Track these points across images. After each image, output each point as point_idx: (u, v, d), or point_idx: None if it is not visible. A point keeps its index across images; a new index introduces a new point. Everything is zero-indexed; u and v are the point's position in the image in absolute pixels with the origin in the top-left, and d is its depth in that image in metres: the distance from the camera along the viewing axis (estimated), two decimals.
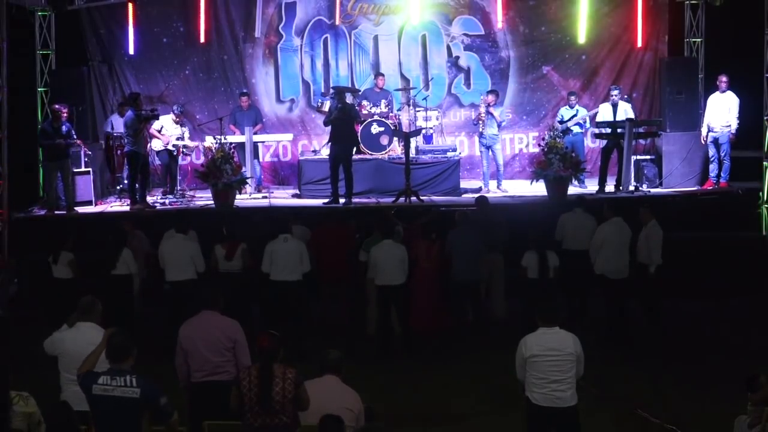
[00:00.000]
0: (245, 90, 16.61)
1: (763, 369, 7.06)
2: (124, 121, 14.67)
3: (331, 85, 16.61)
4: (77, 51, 16.55)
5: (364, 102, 15.89)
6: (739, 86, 15.24)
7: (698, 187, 15.60)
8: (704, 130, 15.40)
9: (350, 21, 17.15)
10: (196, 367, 7.27)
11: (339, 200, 14.66)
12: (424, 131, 16.10)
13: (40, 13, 15.93)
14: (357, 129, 15.20)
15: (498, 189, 15.64)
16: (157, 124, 15.37)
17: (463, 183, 15.90)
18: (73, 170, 14.85)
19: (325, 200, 14.82)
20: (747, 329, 11.81)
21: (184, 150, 15.97)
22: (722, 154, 15.28)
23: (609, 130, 15.29)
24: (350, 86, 16.56)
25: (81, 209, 14.72)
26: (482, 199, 13.00)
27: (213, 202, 14.66)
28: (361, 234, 11.94)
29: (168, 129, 15.63)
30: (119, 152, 15.65)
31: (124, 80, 16.88)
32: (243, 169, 14.72)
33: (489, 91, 16.11)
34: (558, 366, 7.02)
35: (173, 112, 15.79)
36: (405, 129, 15.84)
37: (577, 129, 15.73)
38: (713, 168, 15.37)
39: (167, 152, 15.68)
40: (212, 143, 14.92)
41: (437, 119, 16.44)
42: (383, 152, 15.62)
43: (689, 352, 10.99)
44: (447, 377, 10.24)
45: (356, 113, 15.10)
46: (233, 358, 7.26)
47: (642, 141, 16.37)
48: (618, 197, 14.59)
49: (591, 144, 16.79)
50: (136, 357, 6.10)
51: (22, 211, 14.76)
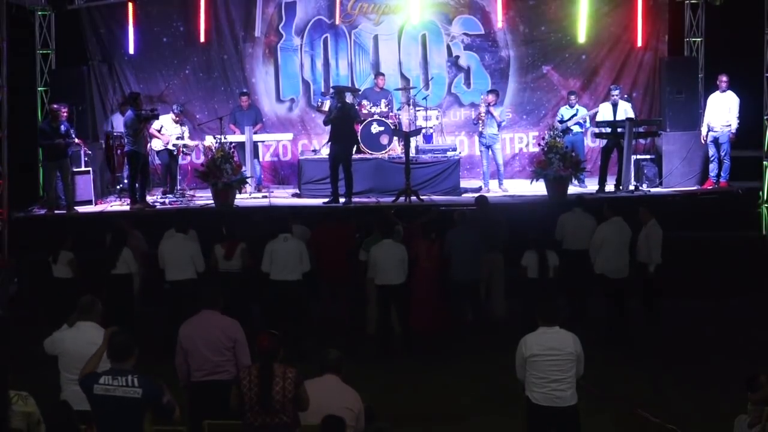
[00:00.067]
0: (245, 89, 16.61)
1: (763, 369, 7.04)
2: (124, 121, 14.67)
3: (331, 85, 16.61)
4: (77, 50, 16.53)
5: (364, 101, 15.88)
6: (739, 86, 15.24)
7: (698, 187, 15.59)
8: (704, 130, 15.40)
9: (350, 20, 17.14)
10: (196, 367, 7.28)
11: (339, 200, 14.65)
12: (424, 131, 16.09)
13: (40, 13, 15.91)
14: (357, 129, 15.19)
15: (500, 188, 15.64)
16: (157, 124, 15.38)
17: (463, 182, 15.90)
18: (73, 170, 14.85)
19: (325, 200, 14.82)
20: (747, 329, 11.80)
21: (184, 149, 15.97)
22: (722, 154, 15.28)
23: (609, 130, 15.28)
24: (350, 86, 16.55)
25: (81, 209, 14.72)
26: (482, 199, 12.99)
27: (213, 202, 14.66)
28: (361, 233, 11.94)
29: (168, 128, 15.63)
30: (119, 152, 15.65)
31: (124, 80, 16.87)
32: (243, 169, 14.72)
33: (489, 91, 16.12)
34: (558, 365, 7.03)
35: (173, 112, 15.79)
36: (405, 128, 15.83)
37: (577, 128, 15.73)
38: (713, 167, 15.37)
39: (167, 152, 15.68)
40: (212, 143, 14.92)
41: (437, 119, 16.44)
42: (383, 152, 15.61)
43: (689, 352, 10.99)
44: (447, 377, 10.24)
45: (356, 113, 15.09)
46: (233, 358, 7.26)
47: (642, 140, 16.37)
48: (618, 197, 14.59)
49: (591, 143, 16.78)
50: (137, 356, 6.10)
51: (22, 211, 14.76)
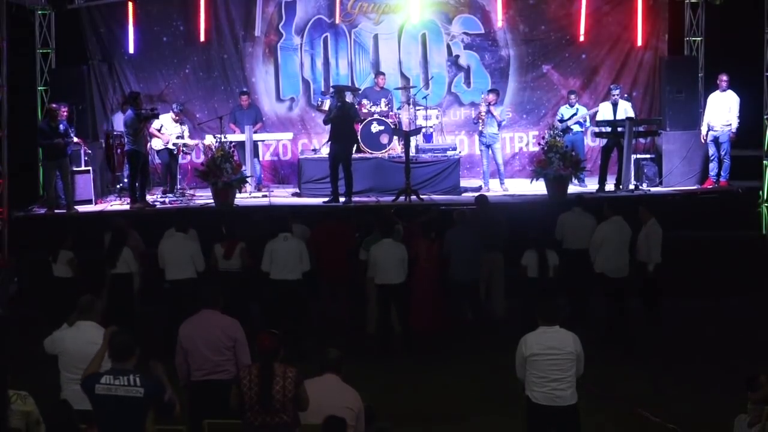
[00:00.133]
0: (245, 89, 16.61)
1: (763, 368, 7.05)
2: (124, 120, 14.67)
3: (331, 84, 16.60)
4: (77, 50, 16.52)
5: (364, 101, 15.87)
6: (739, 85, 15.23)
7: (698, 186, 15.59)
8: (704, 129, 15.40)
9: (350, 20, 17.13)
10: (196, 366, 7.28)
11: (339, 199, 14.65)
12: (424, 130, 16.09)
13: (40, 12, 15.90)
14: (357, 128, 15.18)
15: (501, 188, 15.63)
16: (157, 123, 15.37)
17: (463, 182, 15.89)
18: (73, 169, 14.84)
19: (325, 199, 14.81)
20: (747, 328, 11.79)
21: (184, 149, 15.97)
22: (722, 153, 15.28)
23: (609, 129, 15.28)
24: (350, 85, 16.54)
25: (81, 208, 14.71)
26: (482, 198, 12.98)
27: (213, 201, 14.65)
28: (361, 233, 11.94)
29: (168, 128, 15.63)
30: (119, 151, 15.64)
31: (124, 79, 16.86)
32: (243, 168, 14.71)
33: (490, 90, 16.11)
34: (558, 365, 7.02)
35: (172, 111, 15.79)
36: (405, 128, 15.82)
37: (577, 128, 15.73)
38: (713, 167, 15.36)
39: (167, 151, 15.68)
40: (212, 142, 14.92)
41: (437, 118, 16.43)
42: (383, 151, 15.61)
43: (689, 352, 10.98)
44: (447, 377, 10.24)
45: (355, 112, 15.08)
46: (233, 357, 7.26)
47: (642, 140, 16.37)
48: (618, 196, 14.59)
49: (591, 143, 16.78)
50: (138, 356, 6.11)
51: (22, 210, 14.76)
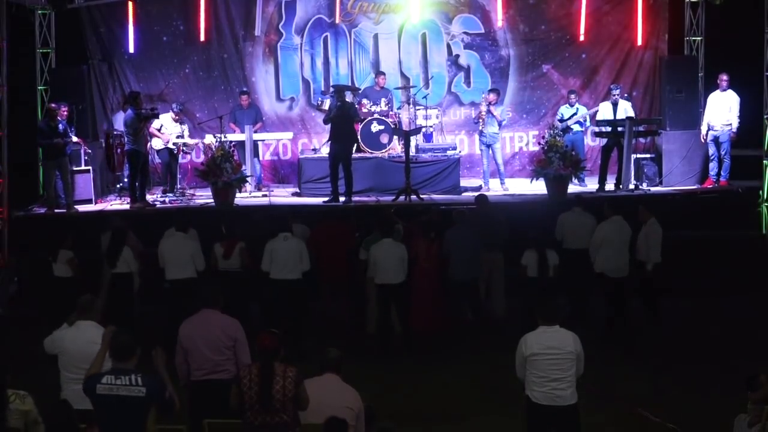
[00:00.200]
0: (245, 88, 16.61)
1: (763, 368, 7.05)
2: (124, 120, 14.65)
3: (331, 84, 16.59)
4: (77, 49, 16.52)
5: (364, 100, 15.86)
6: (739, 85, 15.24)
7: (698, 186, 15.59)
8: (704, 129, 15.40)
9: (350, 19, 17.13)
10: (196, 366, 7.28)
11: (339, 199, 14.65)
12: (424, 130, 16.08)
13: (40, 12, 15.90)
14: (357, 127, 15.18)
15: (501, 187, 15.63)
16: (157, 123, 15.37)
17: (463, 181, 15.88)
18: (73, 168, 14.84)
19: (325, 199, 14.81)
20: (747, 328, 11.79)
21: (184, 148, 15.96)
22: (722, 153, 15.28)
23: (609, 129, 15.27)
24: (350, 85, 16.54)
25: (81, 208, 14.71)
26: (482, 198, 12.98)
27: (213, 201, 14.66)
28: (361, 232, 11.94)
29: (168, 127, 15.63)
30: (119, 151, 15.63)
31: (124, 79, 16.86)
32: (243, 168, 14.72)
33: (490, 90, 16.10)
34: (558, 364, 7.02)
35: (172, 110, 15.79)
36: (405, 127, 15.82)
37: (577, 127, 15.73)
38: (713, 166, 15.36)
39: (167, 151, 15.68)
40: (212, 142, 14.92)
41: (437, 118, 16.42)
42: (383, 151, 15.61)
43: (689, 352, 10.97)
44: (447, 376, 10.24)
45: (355, 112, 15.07)
46: (233, 357, 7.26)
47: (642, 139, 16.37)
48: (618, 196, 14.59)
49: (591, 142, 16.78)
50: (139, 356, 6.11)
51: (22, 210, 14.76)
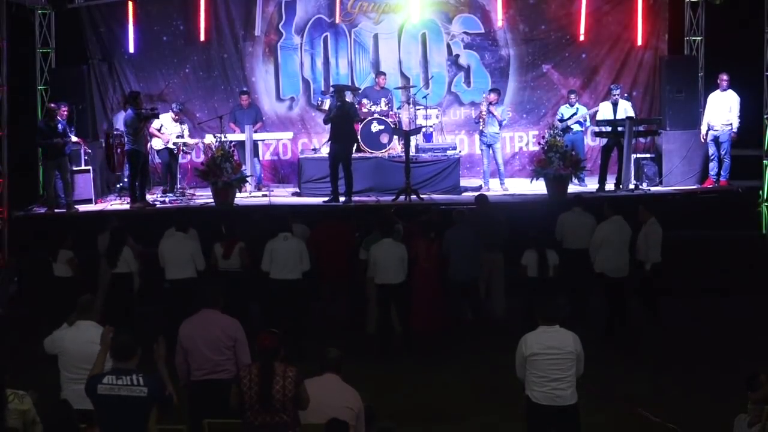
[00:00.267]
0: (245, 88, 16.60)
1: (763, 368, 7.05)
2: (124, 120, 14.65)
3: (331, 84, 16.58)
4: (77, 49, 16.52)
5: (364, 100, 15.86)
6: (739, 85, 15.23)
7: (698, 186, 15.58)
8: (704, 129, 15.39)
9: (350, 19, 17.12)
10: (196, 366, 7.28)
11: (339, 199, 14.64)
12: (424, 130, 16.08)
13: (40, 12, 15.89)
14: (357, 127, 15.18)
15: (501, 187, 15.63)
16: (157, 123, 15.36)
17: (463, 181, 15.88)
18: (73, 168, 14.84)
19: (325, 199, 14.81)
20: (747, 328, 11.79)
21: (184, 148, 15.96)
22: (722, 153, 15.27)
23: (609, 129, 15.27)
24: (350, 85, 16.54)
25: (81, 207, 14.71)
26: (482, 198, 12.97)
27: (213, 201, 14.65)
28: (361, 232, 11.94)
29: (168, 127, 15.63)
30: (119, 150, 15.63)
31: (124, 79, 16.85)
32: (243, 168, 14.71)
33: (491, 90, 16.09)
34: (558, 364, 7.02)
35: (172, 110, 15.78)
36: (405, 127, 15.82)
37: (577, 127, 15.72)
38: (713, 166, 15.36)
39: (167, 150, 15.68)
40: (212, 141, 14.91)
41: (437, 117, 16.42)
42: (383, 150, 15.60)
43: (689, 352, 10.98)
44: (447, 376, 10.24)
45: (355, 112, 15.07)
46: (233, 357, 7.26)
47: (642, 139, 16.37)
48: (618, 196, 14.59)
49: (591, 142, 16.77)
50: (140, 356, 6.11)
51: (22, 210, 14.76)
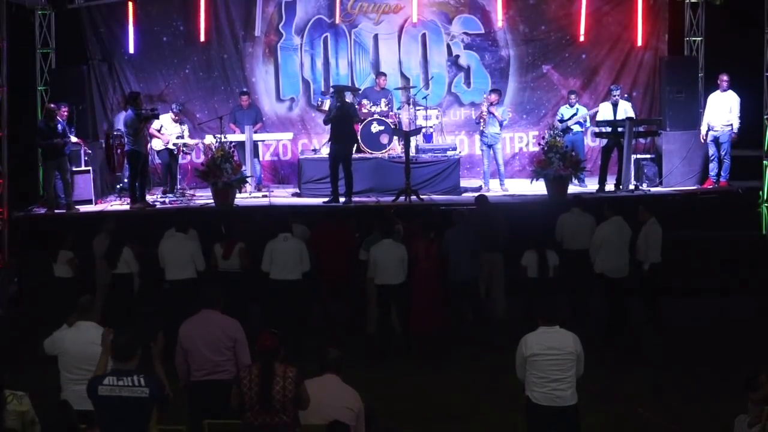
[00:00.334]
0: (245, 89, 16.60)
1: (764, 368, 7.04)
2: (124, 120, 14.65)
3: (331, 84, 16.59)
4: (77, 50, 16.52)
5: (364, 101, 15.86)
6: (739, 85, 15.23)
7: (698, 186, 15.59)
8: (704, 129, 15.39)
9: (350, 20, 17.13)
10: (196, 366, 7.28)
11: (339, 199, 14.64)
12: (424, 130, 16.08)
13: (40, 12, 15.90)
14: (357, 128, 15.18)
15: (501, 188, 15.63)
16: (157, 124, 15.36)
17: (463, 182, 15.88)
18: (73, 169, 14.84)
19: (325, 199, 14.81)
20: (747, 328, 11.79)
21: (184, 149, 15.96)
22: (722, 153, 15.27)
23: (609, 129, 15.28)
24: (350, 85, 16.54)
25: (81, 208, 14.71)
26: (482, 198, 12.98)
27: (213, 201, 14.65)
28: (361, 233, 11.94)
29: (167, 128, 15.63)
30: (119, 151, 15.63)
31: (124, 79, 16.85)
32: (243, 168, 14.71)
33: (492, 90, 16.09)
34: (558, 365, 7.02)
35: (172, 111, 15.79)
36: (405, 128, 15.82)
37: (577, 128, 15.72)
38: (713, 167, 15.36)
39: (168, 151, 15.68)
40: (212, 142, 14.91)
41: (437, 118, 16.42)
42: (383, 151, 15.60)
43: (689, 352, 10.97)
44: (447, 377, 10.23)
45: (355, 112, 15.06)
46: (233, 357, 7.26)
47: (642, 140, 16.37)
48: (618, 196, 14.60)
49: (591, 143, 16.77)
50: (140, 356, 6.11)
51: (22, 210, 14.76)
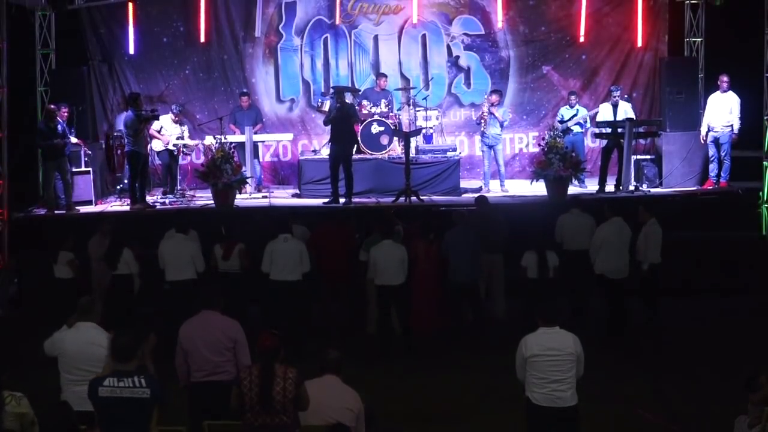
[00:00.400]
0: (245, 90, 16.60)
1: (764, 369, 7.04)
2: (124, 121, 14.66)
3: (331, 85, 16.60)
4: (77, 50, 16.52)
5: (364, 102, 15.87)
6: (739, 86, 15.24)
7: (698, 187, 15.59)
8: (704, 130, 15.40)
9: (350, 21, 17.13)
10: (196, 367, 7.28)
11: (339, 200, 14.65)
12: (424, 131, 16.08)
13: (41, 13, 15.90)
14: (357, 129, 15.18)
15: (501, 189, 15.63)
16: (157, 125, 15.36)
17: (463, 183, 15.89)
18: (73, 170, 14.84)
19: (325, 200, 14.81)
20: (747, 329, 11.79)
21: (184, 149, 15.96)
22: (722, 154, 15.28)
23: (609, 130, 15.28)
24: (350, 86, 16.55)
25: (81, 209, 14.71)
26: (482, 199, 12.97)
27: (213, 202, 14.65)
28: (361, 234, 11.94)
29: (167, 129, 15.63)
30: (119, 152, 15.65)
31: (124, 80, 16.85)
32: (243, 169, 14.71)
33: (492, 91, 16.09)
34: (558, 366, 7.02)
35: (172, 112, 15.79)
36: (405, 129, 15.83)
37: (578, 129, 15.72)
38: (713, 168, 15.37)
39: (167, 152, 15.68)
40: (212, 143, 14.91)
41: (437, 119, 16.43)
42: (383, 152, 15.60)
43: (689, 353, 10.97)
44: (447, 377, 10.23)
45: (355, 113, 15.06)
46: (233, 358, 7.25)
47: (642, 141, 16.37)
48: (618, 197, 14.60)
49: (591, 144, 16.78)
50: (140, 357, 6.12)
51: (22, 211, 14.76)
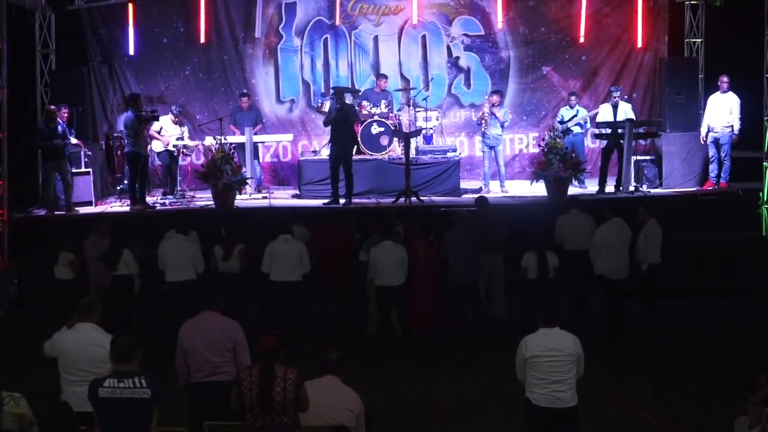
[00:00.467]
0: (245, 90, 16.61)
1: (763, 369, 7.04)
2: (124, 122, 14.67)
3: (331, 86, 16.60)
4: (77, 51, 16.53)
5: (364, 102, 15.87)
6: (739, 86, 15.25)
7: (698, 188, 15.60)
8: (704, 130, 15.40)
9: (350, 21, 17.14)
10: (196, 368, 7.28)
11: (339, 201, 14.66)
12: (424, 132, 16.09)
13: (41, 13, 15.90)
14: (357, 129, 15.19)
15: (501, 189, 15.63)
16: (157, 125, 15.37)
17: (463, 183, 15.89)
18: (73, 170, 14.85)
19: (325, 201, 14.82)
20: (747, 329, 11.79)
21: (184, 150, 15.97)
22: (722, 155, 15.28)
23: (609, 131, 15.29)
24: (350, 86, 16.56)
25: (81, 209, 14.72)
26: (482, 200, 12.96)
27: (213, 203, 14.66)
28: (361, 234, 11.94)
29: (167, 129, 15.64)
30: (119, 152, 15.65)
31: (124, 80, 16.86)
32: (243, 170, 14.72)
33: (493, 92, 16.10)
34: (558, 366, 7.02)
35: (172, 113, 15.80)
36: (405, 129, 15.83)
37: (578, 129, 15.73)
38: (713, 168, 15.37)
39: (168, 153, 15.68)
40: (212, 143, 14.92)
41: (437, 120, 16.43)
42: (383, 153, 15.60)
43: (689, 353, 10.97)
44: (447, 377, 10.23)
45: (355, 113, 15.07)
46: (233, 359, 7.25)
47: (642, 141, 16.37)
48: (618, 198, 14.61)
49: (591, 144, 16.79)
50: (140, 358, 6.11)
51: (22, 212, 14.76)
